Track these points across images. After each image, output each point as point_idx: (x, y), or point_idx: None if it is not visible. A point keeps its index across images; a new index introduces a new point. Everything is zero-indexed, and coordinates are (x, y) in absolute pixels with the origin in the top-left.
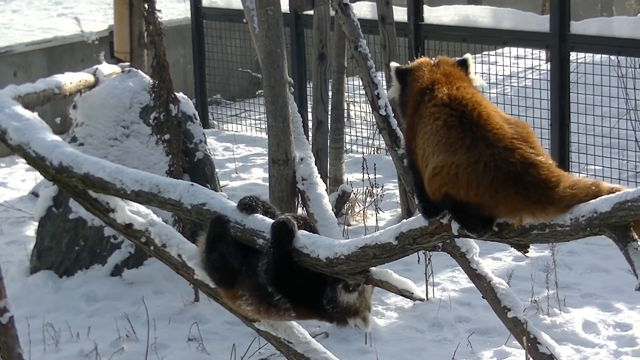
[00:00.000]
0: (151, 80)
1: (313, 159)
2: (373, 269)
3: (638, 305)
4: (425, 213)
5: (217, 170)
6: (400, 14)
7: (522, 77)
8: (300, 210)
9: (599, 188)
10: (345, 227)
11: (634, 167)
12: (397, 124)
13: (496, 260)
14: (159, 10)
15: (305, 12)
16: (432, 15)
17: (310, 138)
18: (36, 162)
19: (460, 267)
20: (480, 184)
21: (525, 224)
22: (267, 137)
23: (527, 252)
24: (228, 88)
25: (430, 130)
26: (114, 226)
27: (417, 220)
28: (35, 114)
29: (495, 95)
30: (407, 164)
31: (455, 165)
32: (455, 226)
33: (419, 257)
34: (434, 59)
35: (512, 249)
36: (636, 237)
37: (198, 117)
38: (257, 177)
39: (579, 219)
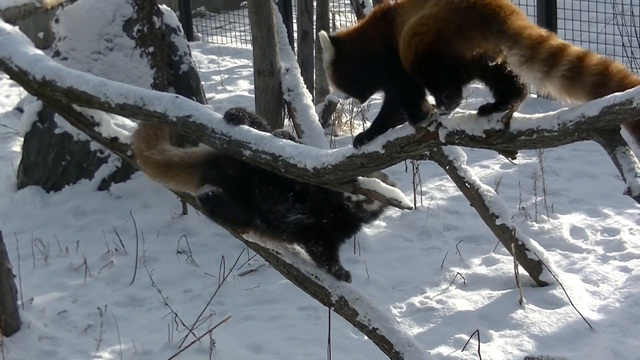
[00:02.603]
0: None
1: (299, 70)
2: (360, 178)
3: (625, 210)
4: (413, 119)
5: (202, 82)
6: None
7: None
8: (286, 122)
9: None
10: (333, 137)
11: None
12: None
13: (484, 168)
14: None
15: None
16: None
17: (295, 49)
18: (19, 76)
19: (448, 176)
20: (448, 24)
21: (512, 130)
22: (252, 48)
23: (515, 158)
24: (212, 0)
25: (405, 14)
26: (100, 140)
27: (404, 128)
28: (17, 28)
29: None
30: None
31: (427, 16)
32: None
33: (406, 167)
34: None
35: (500, 156)
36: (624, 140)
37: (182, 30)
38: (243, 89)
39: (566, 124)
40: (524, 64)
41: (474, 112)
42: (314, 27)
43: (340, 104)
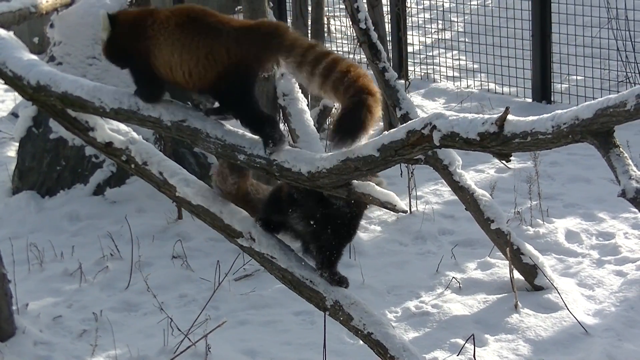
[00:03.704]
0: None
1: None
2: (355, 182)
3: (620, 214)
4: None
5: None
6: None
7: None
8: (281, 126)
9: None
10: (327, 142)
11: (616, 77)
12: (377, 37)
13: (479, 173)
14: None
15: None
16: None
17: None
18: (13, 81)
19: (443, 180)
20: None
21: (506, 132)
22: None
23: (510, 161)
24: (207, 4)
25: (169, 39)
26: (94, 145)
27: (399, 131)
28: (11, 33)
29: (477, 6)
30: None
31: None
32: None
33: (401, 171)
34: None
35: (495, 160)
36: (618, 143)
37: None
38: None
39: (560, 126)
40: (296, 68)
41: (469, 115)
42: (309, 31)
43: (336, 108)
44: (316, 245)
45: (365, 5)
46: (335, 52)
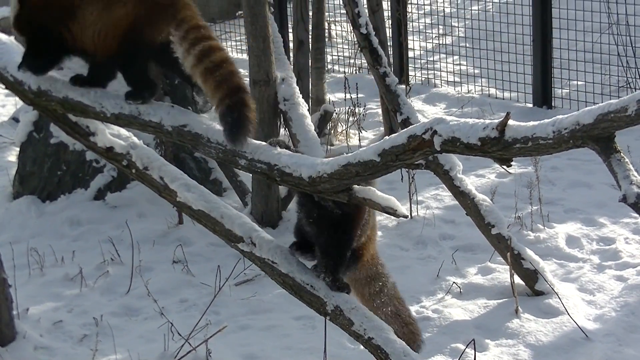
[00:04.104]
0: None
1: (294, 79)
2: (356, 187)
3: (621, 219)
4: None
5: None
6: None
7: None
8: (282, 131)
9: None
10: (328, 147)
11: (617, 82)
12: (378, 42)
13: (479, 178)
14: None
15: None
16: None
17: (291, 58)
18: (14, 86)
19: (443, 185)
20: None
21: (507, 137)
22: (247, 58)
23: (510, 166)
24: (208, 9)
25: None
26: (95, 150)
27: (400, 136)
28: (12, 38)
29: (477, 12)
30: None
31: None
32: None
33: (402, 176)
34: None
35: (496, 165)
36: (619, 148)
37: None
38: None
39: (561, 132)
40: (178, 41)
41: (470, 120)
42: (310, 36)
43: (337, 113)
44: (319, 250)
45: (366, 10)
46: (218, 41)
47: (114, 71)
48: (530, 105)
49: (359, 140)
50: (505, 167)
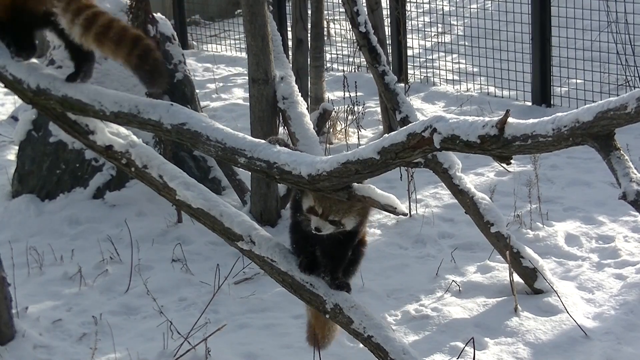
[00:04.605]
0: (128, 1)
1: (293, 78)
2: (355, 185)
3: (620, 217)
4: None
5: (197, 90)
6: None
7: None
8: (281, 130)
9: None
10: (327, 145)
11: (616, 80)
12: (377, 40)
13: (478, 176)
14: None
15: None
16: None
17: (290, 57)
18: (13, 85)
19: (442, 184)
20: None
21: (507, 135)
22: (246, 56)
23: (510, 164)
24: (207, 8)
25: None
26: (94, 148)
27: (399, 134)
28: None
29: (476, 10)
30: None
31: None
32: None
33: (401, 174)
34: None
35: (495, 164)
36: (618, 145)
37: (177, 38)
38: (238, 97)
39: (561, 129)
40: (61, 14)
41: (469, 118)
42: (309, 35)
43: (335, 112)
44: (319, 249)
45: (365, 9)
46: (100, 7)
47: (21, 34)
48: (530, 104)
49: (358, 139)
50: (504, 165)
